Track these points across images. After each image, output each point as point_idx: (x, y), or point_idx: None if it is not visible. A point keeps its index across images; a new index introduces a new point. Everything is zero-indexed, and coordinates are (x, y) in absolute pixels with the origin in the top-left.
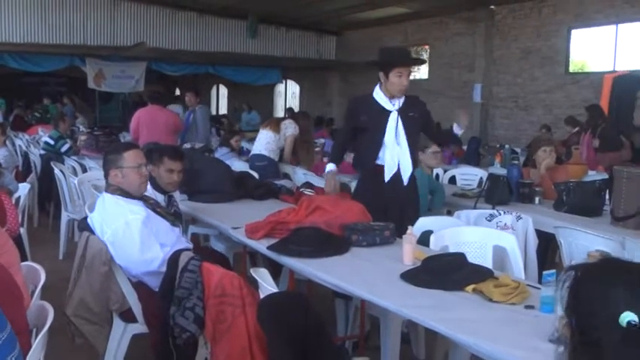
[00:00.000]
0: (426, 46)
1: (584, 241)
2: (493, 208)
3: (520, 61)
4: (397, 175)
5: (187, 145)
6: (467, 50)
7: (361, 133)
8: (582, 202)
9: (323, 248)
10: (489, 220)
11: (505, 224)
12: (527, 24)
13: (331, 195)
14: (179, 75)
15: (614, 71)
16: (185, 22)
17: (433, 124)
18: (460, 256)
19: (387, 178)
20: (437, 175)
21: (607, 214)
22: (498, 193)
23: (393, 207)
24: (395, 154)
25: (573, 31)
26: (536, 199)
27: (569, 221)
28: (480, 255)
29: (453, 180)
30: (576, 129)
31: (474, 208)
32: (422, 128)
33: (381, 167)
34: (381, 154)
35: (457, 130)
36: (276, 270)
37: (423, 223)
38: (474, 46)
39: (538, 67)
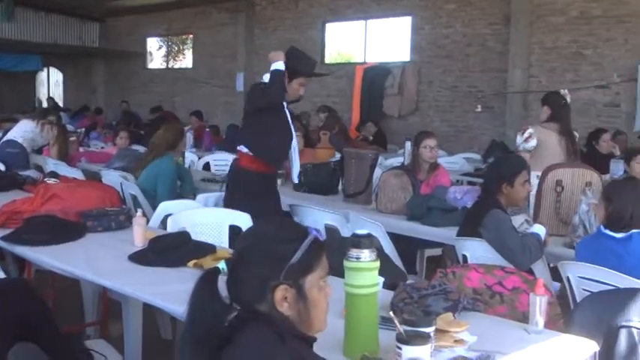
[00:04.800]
0: (190, 35)
1: (315, 217)
2: None
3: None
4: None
5: None
6: (230, 40)
7: (270, 126)
8: (319, 182)
9: (56, 235)
10: None
11: None
12: (286, 16)
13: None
14: None
15: (364, 63)
16: None
17: None
18: (184, 235)
19: (295, 176)
20: (191, 161)
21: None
22: None
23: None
24: (295, 154)
25: (328, 25)
26: (279, 181)
27: (307, 200)
28: (216, 235)
29: (207, 166)
30: (325, 114)
31: (220, 191)
32: None
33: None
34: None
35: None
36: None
37: (165, 207)
38: (236, 35)
39: None
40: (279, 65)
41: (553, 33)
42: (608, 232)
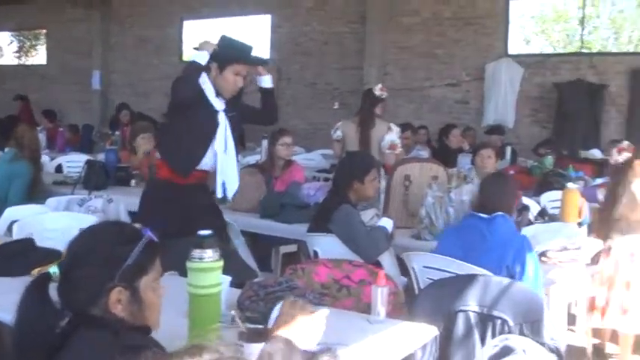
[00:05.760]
0: (43, 30)
1: None
2: (89, 194)
3: (137, 48)
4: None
5: None
6: (84, 36)
7: (180, 129)
8: None
9: None
10: (81, 205)
11: (96, 208)
12: (143, 12)
13: None
14: None
15: None
16: None
17: (250, 106)
18: (28, 242)
19: (218, 190)
20: (42, 163)
21: None
22: (95, 178)
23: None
24: (224, 164)
25: (185, 22)
26: (133, 182)
27: None
28: (67, 240)
29: (60, 168)
30: None
31: (72, 194)
32: (244, 120)
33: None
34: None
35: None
36: None
37: (11, 213)
38: (90, 32)
39: (154, 55)
40: (197, 56)
41: (407, 33)
42: (477, 213)
